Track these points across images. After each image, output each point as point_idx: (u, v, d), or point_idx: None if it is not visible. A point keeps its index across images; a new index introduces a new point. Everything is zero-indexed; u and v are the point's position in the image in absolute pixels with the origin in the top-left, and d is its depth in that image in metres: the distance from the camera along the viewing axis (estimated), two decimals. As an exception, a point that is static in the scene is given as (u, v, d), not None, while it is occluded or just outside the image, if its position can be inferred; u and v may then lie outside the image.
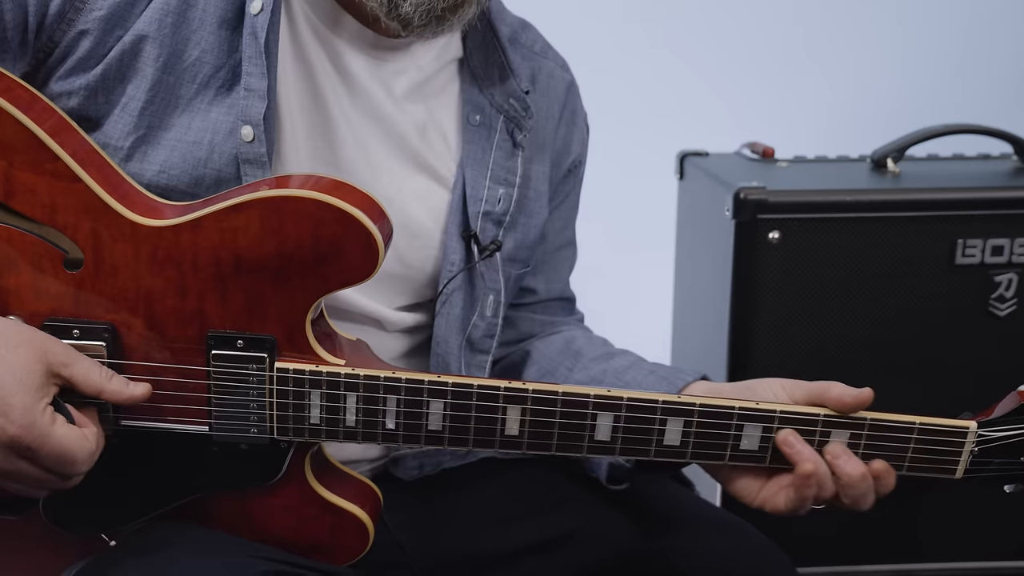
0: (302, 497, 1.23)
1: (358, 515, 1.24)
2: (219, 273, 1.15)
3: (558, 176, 1.51)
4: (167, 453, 1.21)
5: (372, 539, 1.25)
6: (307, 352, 1.17)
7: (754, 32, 2.87)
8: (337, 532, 1.24)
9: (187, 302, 1.16)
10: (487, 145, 1.39)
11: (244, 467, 1.21)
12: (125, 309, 1.16)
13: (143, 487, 1.22)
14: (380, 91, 1.33)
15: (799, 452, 1.17)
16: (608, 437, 1.18)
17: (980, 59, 2.90)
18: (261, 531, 1.24)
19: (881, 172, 1.95)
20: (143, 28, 1.22)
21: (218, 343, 1.16)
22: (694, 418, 1.17)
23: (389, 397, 1.17)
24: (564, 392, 1.17)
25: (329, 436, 1.19)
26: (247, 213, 1.13)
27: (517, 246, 1.44)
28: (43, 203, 1.14)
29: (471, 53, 1.40)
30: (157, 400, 1.18)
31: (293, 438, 1.20)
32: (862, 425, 1.18)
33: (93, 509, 1.23)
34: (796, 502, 1.18)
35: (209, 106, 1.23)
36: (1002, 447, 1.19)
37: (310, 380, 1.17)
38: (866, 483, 1.17)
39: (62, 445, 1.07)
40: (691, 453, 1.19)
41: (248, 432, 1.19)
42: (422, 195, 1.37)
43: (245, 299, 1.15)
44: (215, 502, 1.23)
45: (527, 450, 1.19)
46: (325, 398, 1.17)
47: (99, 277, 1.15)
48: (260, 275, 1.14)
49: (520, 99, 1.40)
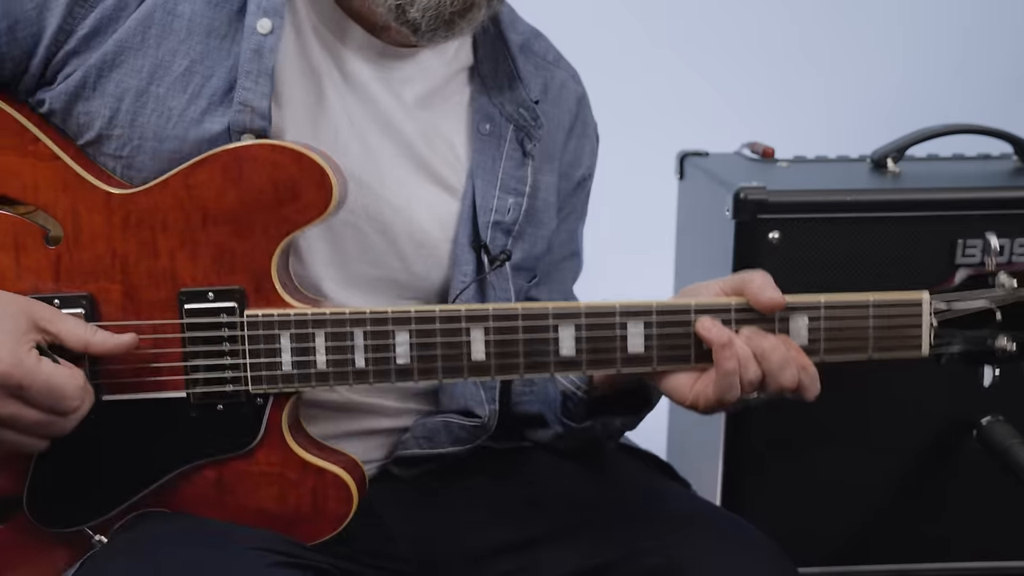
0: (282, 460, 1.25)
1: (339, 474, 1.26)
2: (188, 229, 1.22)
3: (568, 188, 1.51)
4: (146, 428, 1.24)
5: (356, 503, 1.26)
6: (275, 301, 1.23)
7: (754, 32, 2.87)
8: (320, 496, 1.26)
9: (159, 262, 1.22)
10: (497, 154, 1.39)
11: (222, 433, 1.24)
12: (103, 277, 1.22)
13: (123, 469, 1.25)
14: (389, 99, 1.34)
15: (709, 329, 1.19)
16: (573, 351, 1.21)
17: (980, 59, 2.90)
18: (244, 506, 1.25)
19: (881, 172, 1.95)
20: (125, 38, 1.24)
21: (190, 298, 1.22)
22: (653, 318, 1.20)
23: (356, 331, 1.21)
24: (524, 308, 1.21)
25: (302, 382, 1.22)
26: (209, 167, 1.21)
27: (525, 256, 1.44)
28: (25, 183, 1.22)
29: (481, 61, 1.40)
30: (135, 371, 1.23)
31: (267, 388, 1.23)
32: (817, 307, 1.20)
33: (76, 499, 1.25)
34: (723, 384, 1.18)
35: (203, 116, 1.24)
36: (963, 319, 1.21)
37: (279, 322, 1.21)
38: (779, 352, 1.18)
39: (51, 378, 1.13)
40: (656, 358, 1.21)
41: (224, 388, 1.22)
42: (430, 204, 1.37)
43: (213, 254, 1.22)
44: (196, 481, 1.25)
45: (496, 375, 1.22)
46: (295, 339, 1.21)
47: (77, 249, 1.22)
48: (225, 226, 1.22)
49: (530, 108, 1.40)
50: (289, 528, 1.25)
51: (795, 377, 1.18)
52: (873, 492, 1.88)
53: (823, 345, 1.21)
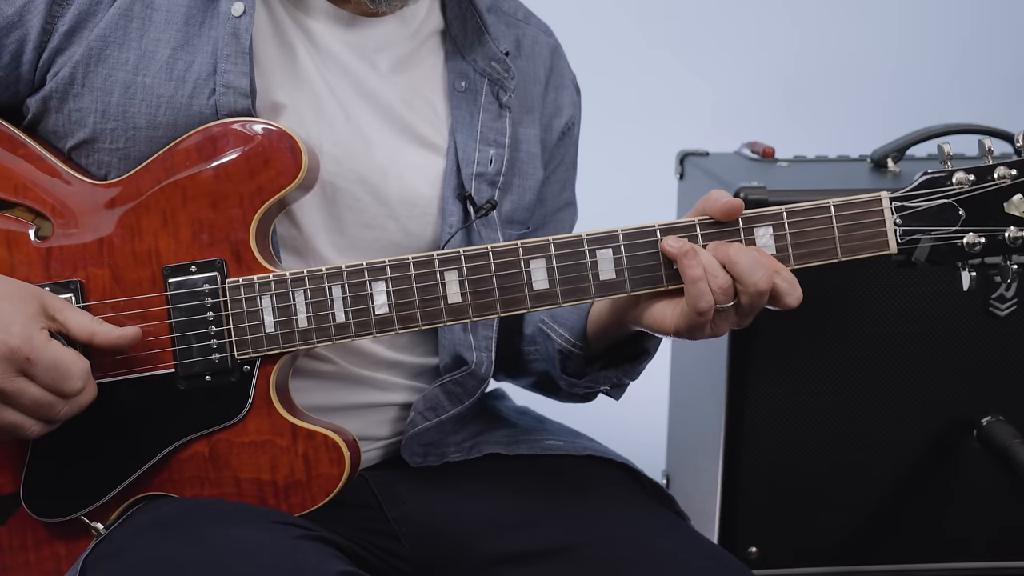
0: (272, 428, 1.27)
1: (330, 436, 1.27)
2: (169, 208, 1.27)
3: (552, 139, 1.54)
4: (136, 408, 1.26)
5: (348, 465, 1.27)
6: (256, 269, 1.27)
7: (754, 32, 2.87)
8: (312, 460, 1.27)
9: (143, 243, 1.27)
10: (474, 109, 1.43)
11: (212, 406, 1.26)
12: (91, 264, 1.27)
13: (116, 451, 1.27)
14: (364, 68, 1.38)
15: (672, 244, 1.21)
16: (547, 284, 1.24)
17: (980, 59, 2.90)
18: (237, 478, 1.27)
19: (881, 172, 1.95)
20: (107, 33, 1.28)
21: (173, 272, 1.27)
22: (620, 243, 1.23)
23: (333, 286, 1.25)
24: (494, 247, 1.24)
25: (286, 342, 1.25)
26: (186, 148, 1.28)
27: (514, 208, 1.47)
28: (16, 184, 1.28)
29: (451, 23, 1.45)
30: (124, 350, 1.25)
31: (253, 353, 1.26)
32: (780, 215, 1.23)
33: (71, 486, 1.26)
34: (693, 294, 1.19)
35: (190, 101, 1.28)
36: (925, 214, 1.23)
37: (259, 285, 1.26)
38: (747, 255, 1.19)
39: (58, 356, 1.17)
40: (629, 282, 1.23)
41: (210, 356, 1.25)
42: (418, 165, 1.40)
43: (193, 230, 1.27)
44: (189, 458, 1.27)
45: (474, 316, 1.25)
46: (276, 300, 1.26)
47: (66, 240, 1.27)
48: (202, 201, 1.27)
49: (501, 61, 1.44)
50: (284, 496, 1.27)
51: (768, 279, 1.19)
52: (873, 492, 1.88)
53: (792, 253, 1.23)
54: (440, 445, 1.43)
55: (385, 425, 1.43)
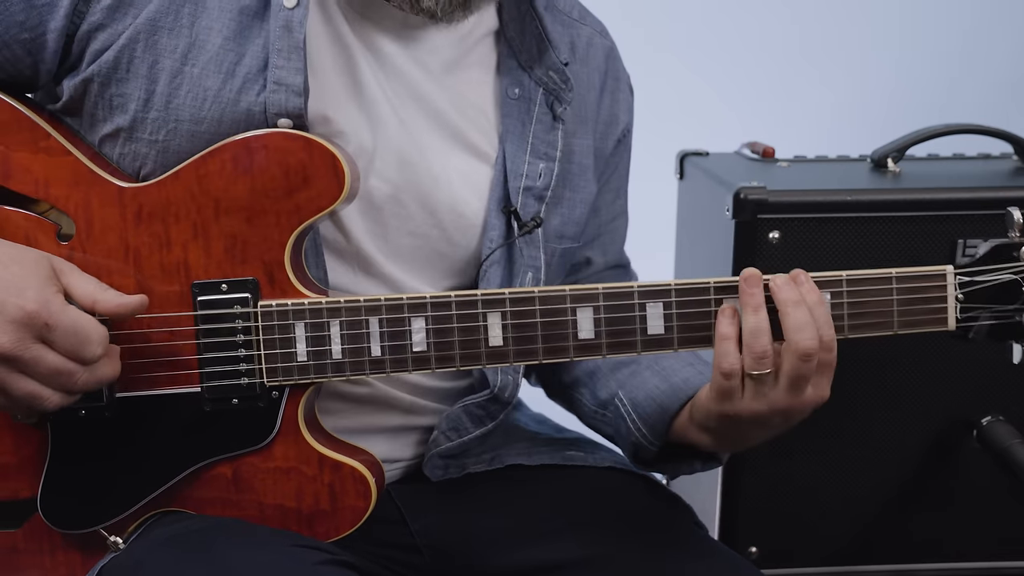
0: (299, 456, 1.23)
1: (357, 468, 1.24)
2: (200, 220, 1.20)
3: (607, 148, 1.48)
4: (160, 425, 1.22)
5: (375, 498, 1.24)
6: (289, 291, 1.21)
7: (754, 32, 2.87)
8: (338, 491, 1.24)
9: (172, 255, 1.21)
10: (527, 119, 1.37)
11: (237, 428, 1.22)
12: (116, 272, 1.21)
13: (137, 467, 1.23)
14: (415, 70, 1.32)
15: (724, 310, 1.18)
16: (592, 334, 1.19)
17: (980, 59, 2.90)
18: (260, 503, 1.23)
19: (881, 172, 1.95)
20: (158, 17, 1.21)
21: (203, 290, 1.20)
22: (672, 298, 1.18)
23: (371, 319, 1.19)
24: (540, 291, 1.19)
25: (318, 373, 1.20)
26: (220, 156, 1.20)
27: (564, 222, 1.42)
28: (37, 180, 1.21)
29: (507, 24, 1.38)
30: (149, 366, 1.21)
31: (283, 380, 1.21)
32: (840, 282, 1.19)
33: (90, 499, 1.23)
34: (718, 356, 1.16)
35: (238, 96, 1.22)
36: (988, 291, 1.20)
37: (293, 312, 1.20)
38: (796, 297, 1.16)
39: (77, 321, 1.11)
40: (677, 339, 1.19)
41: (239, 381, 1.20)
42: (465, 172, 1.35)
43: (225, 245, 1.20)
44: (211, 479, 1.23)
45: (515, 360, 1.20)
46: (310, 328, 1.20)
47: (90, 243, 1.21)
48: (237, 215, 1.20)
49: (559, 71, 1.37)
50: (308, 524, 1.24)
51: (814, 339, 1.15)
52: (873, 492, 1.88)
53: (847, 323, 1.20)
54: (460, 457, 1.41)
55: (410, 447, 1.41)
